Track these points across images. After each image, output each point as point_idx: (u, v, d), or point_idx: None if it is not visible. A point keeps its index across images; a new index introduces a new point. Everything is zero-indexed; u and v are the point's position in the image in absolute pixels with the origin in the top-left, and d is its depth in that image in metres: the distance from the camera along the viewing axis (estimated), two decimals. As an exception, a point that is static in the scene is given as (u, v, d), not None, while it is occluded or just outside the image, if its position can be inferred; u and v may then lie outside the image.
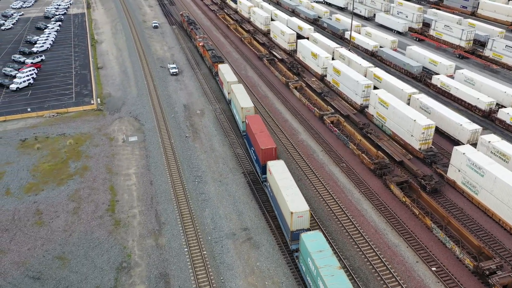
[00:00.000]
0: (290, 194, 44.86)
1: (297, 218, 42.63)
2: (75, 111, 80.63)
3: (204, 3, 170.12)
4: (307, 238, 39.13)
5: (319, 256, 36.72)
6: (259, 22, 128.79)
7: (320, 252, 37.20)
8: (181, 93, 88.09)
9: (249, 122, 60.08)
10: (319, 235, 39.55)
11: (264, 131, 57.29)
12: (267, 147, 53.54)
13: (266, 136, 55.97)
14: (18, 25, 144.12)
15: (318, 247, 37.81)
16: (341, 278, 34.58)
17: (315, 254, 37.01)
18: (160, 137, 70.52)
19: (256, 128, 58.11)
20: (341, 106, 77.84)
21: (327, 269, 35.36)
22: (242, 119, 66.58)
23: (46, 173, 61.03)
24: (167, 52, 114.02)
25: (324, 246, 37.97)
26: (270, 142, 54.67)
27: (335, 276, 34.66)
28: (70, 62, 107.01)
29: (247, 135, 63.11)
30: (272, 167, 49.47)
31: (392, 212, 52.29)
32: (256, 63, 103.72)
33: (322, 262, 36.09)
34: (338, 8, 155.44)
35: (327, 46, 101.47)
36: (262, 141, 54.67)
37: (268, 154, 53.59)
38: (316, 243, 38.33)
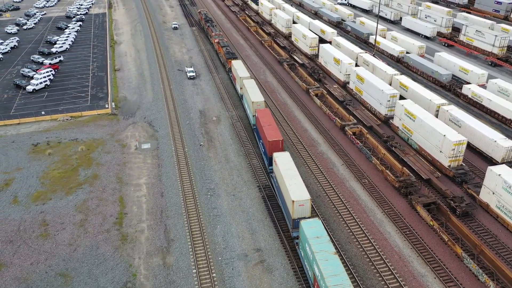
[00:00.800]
0: (293, 184, 46.27)
1: (299, 207, 44.08)
2: (89, 115, 78.93)
3: (225, 4, 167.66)
4: (306, 225, 40.75)
5: (316, 241, 38.45)
6: (281, 24, 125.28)
7: (317, 238, 38.92)
8: (198, 98, 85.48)
9: (258, 116, 61.96)
10: (318, 222, 41.04)
11: (272, 124, 59.01)
12: (273, 139, 55.44)
13: (273, 129, 57.79)
14: (40, 25, 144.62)
15: (316, 233, 39.50)
16: (335, 262, 36.16)
17: (312, 239, 38.70)
18: (173, 145, 67.96)
19: (265, 121, 59.86)
20: (364, 116, 73.72)
21: (322, 254, 37.02)
22: (253, 113, 68.24)
23: (55, 181, 59.17)
24: (186, 54, 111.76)
25: (322, 233, 39.64)
26: (277, 134, 56.57)
27: (329, 260, 36.32)
28: (88, 64, 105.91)
29: (257, 128, 64.89)
30: (278, 158, 51.04)
31: (418, 237, 48.15)
32: (276, 68, 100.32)
33: (318, 247, 37.75)
34: (363, 10, 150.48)
35: (350, 51, 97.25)
36: (269, 134, 56.59)
37: (275, 146, 55.66)
38: (315, 229, 40.01)
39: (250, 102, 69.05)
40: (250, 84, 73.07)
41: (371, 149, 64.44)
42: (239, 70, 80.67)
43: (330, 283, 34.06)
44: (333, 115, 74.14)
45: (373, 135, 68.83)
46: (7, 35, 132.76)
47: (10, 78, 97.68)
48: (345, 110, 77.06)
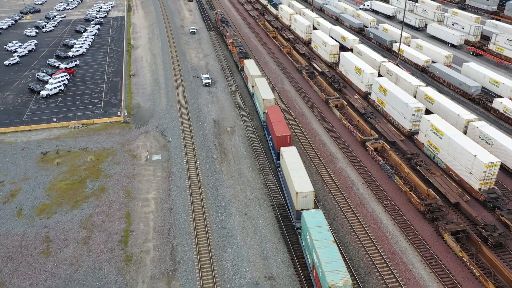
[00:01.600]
0: (298, 176, 47.77)
1: (302, 198, 45.57)
2: (101, 122, 77.00)
3: (245, 9, 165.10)
4: (308, 215, 42.51)
5: (316, 231, 40.04)
6: (300, 30, 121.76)
7: (318, 227, 40.50)
8: (212, 106, 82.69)
9: (268, 112, 63.79)
10: (319, 213, 42.70)
11: (281, 121, 60.81)
12: (282, 134, 57.20)
13: (282, 125, 59.54)
14: (59, 28, 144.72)
15: (317, 223, 41.12)
16: (333, 250, 37.82)
17: (312, 229, 40.34)
18: (185, 157, 65.22)
19: (274, 117, 61.81)
20: (386, 130, 69.58)
21: (321, 242, 38.66)
22: (263, 110, 69.81)
23: (62, 193, 57.05)
24: (202, 60, 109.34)
25: (322, 222, 41.24)
26: (285, 130, 58.21)
27: (328, 248, 37.99)
28: (103, 68, 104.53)
29: (267, 125, 66.69)
30: (284, 152, 52.94)
31: (446, 269, 43.97)
32: (295, 76, 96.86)
33: (318, 236, 39.39)
34: (386, 16, 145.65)
35: (372, 60, 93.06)
36: (278, 129, 58.31)
37: (283, 141, 57.38)
38: (316, 219, 41.61)
39: (261, 99, 70.60)
40: (261, 83, 74.71)
41: (393, 167, 60.34)
42: (251, 69, 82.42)
43: (326, 268, 35.95)
44: (353, 129, 70.25)
45: (396, 152, 64.69)
46: (26, 37, 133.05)
47: (26, 82, 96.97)
48: (366, 123, 73.09)
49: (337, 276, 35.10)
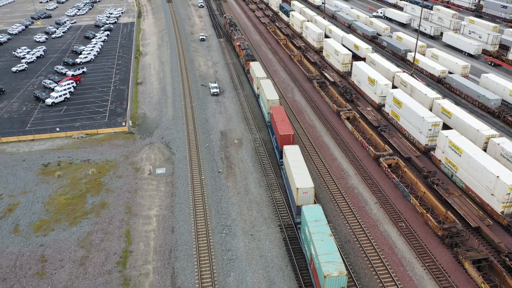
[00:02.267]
0: (299, 173, 49.15)
1: (302, 194, 46.81)
2: (105, 132, 75.00)
3: (255, 15, 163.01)
4: (307, 209, 43.85)
5: (315, 224, 41.46)
6: (312, 38, 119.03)
7: (316, 221, 41.85)
8: (220, 117, 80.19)
9: (272, 112, 64.86)
10: (318, 208, 44.16)
11: (285, 120, 61.94)
12: (285, 133, 58.28)
13: (286, 124, 60.70)
14: (69, 33, 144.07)
15: (316, 217, 42.45)
16: (330, 243, 39.08)
17: (311, 222, 41.68)
18: (190, 171, 62.67)
19: (278, 117, 62.93)
20: (401, 145, 66.25)
21: (319, 235, 39.98)
22: (268, 111, 71.11)
23: (61, 208, 54.85)
24: (211, 68, 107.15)
25: (321, 217, 42.59)
26: (288, 129, 59.37)
27: (325, 241, 39.27)
28: (110, 76, 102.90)
29: (271, 125, 67.67)
30: (287, 151, 54.34)
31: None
32: (305, 85, 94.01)
33: (316, 229, 40.77)
34: (400, 24, 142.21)
35: (386, 70, 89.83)
36: (281, 128, 59.46)
37: (286, 140, 58.32)
38: (315, 214, 42.97)
39: (265, 100, 71.92)
40: (266, 84, 76.11)
41: (409, 186, 57.00)
42: (256, 71, 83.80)
43: (322, 259, 37.13)
44: (366, 143, 67.08)
45: (412, 169, 61.33)
46: (35, 43, 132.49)
47: (32, 89, 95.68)
48: (379, 137, 69.87)
49: (333, 267, 36.31)
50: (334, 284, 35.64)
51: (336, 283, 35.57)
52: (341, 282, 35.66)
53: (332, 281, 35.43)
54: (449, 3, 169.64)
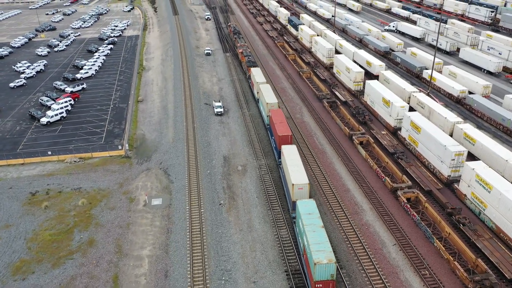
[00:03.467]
0: (295, 170, 51.52)
1: (298, 190, 48.94)
2: (100, 156, 70.08)
3: (263, 28, 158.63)
4: (301, 203, 46.26)
5: (307, 217, 43.69)
6: (321, 53, 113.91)
7: (309, 214, 44.08)
8: (223, 140, 74.96)
9: (271, 115, 67.31)
10: (312, 202, 46.42)
11: (283, 122, 64.48)
12: (283, 134, 60.90)
13: (284, 126, 63.25)
14: (72, 47, 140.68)
15: (309, 210, 44.75)
16: (321, 234, 41.17)
17: (304, 215, 43.99)
18: (188, 202, 57.27)
19: (277, 119, 65.50)
20: (420, 176, 60.30)
21: (311, 226, 42.08)
22: (267, 114, 73.45)
23: (44, 246, 49.68)
24: (216, 85, 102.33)
25: (314, 210, 44.87)
26: (287, 130, 62.01)
27: (316, 232, 41.33)
28: (111, 93, 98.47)
29: (270, 127, 70.12)
30: (285, 150, 56.93)
31: None
32: (315, 105, 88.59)
33: (309, 221, 42.95)
34: (413, 38, 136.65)
35: (401, 89, 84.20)
36: (280, 129, 62.04)
37: (284, 140, 60.75)
38: (308, 207, 45.29)
39: (265, 103, 74.55)
40: (265, 88, 79.05)
41: (431, 225, 51.00)
42: (257, 76, 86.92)
43: (314, 248, 39.36)
44: (381, 172, 61.27)
45: (433, 204, 55.31)
46: (37, 57, 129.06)
47: (29, 106, 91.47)
48: (396, 166, 64.01)
49: (323, 255, 38.57)
50: (324, 271, 38.17)
51: (325, 270, 38.10)
52: (330, 270, 38.15)
53: (321, 268, 37.98)
54: (464, 16, 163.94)
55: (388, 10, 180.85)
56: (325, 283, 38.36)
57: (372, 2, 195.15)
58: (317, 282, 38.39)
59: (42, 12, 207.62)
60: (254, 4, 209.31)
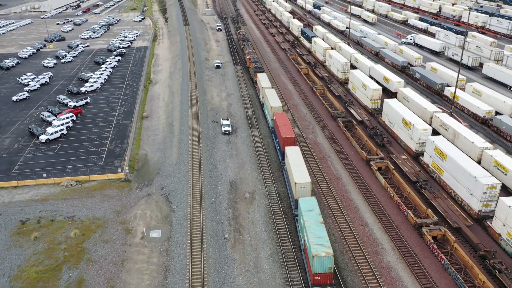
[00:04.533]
0: (298, 170, 52.73)
1: (300, 189, 50.40)
2: (98, 179, 65.56)
3: (275, 40, 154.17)
4: (303, 201, 47.89)
5: (308, 213, 45.36)
6: (336, 68, 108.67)
7: (310, 211, 45.76)
8: (231, 162, 69.95)
9: (276, 118, 69.10)
10: (313, 200, 47.95)
11: (287, 125, 65.95)
12: (287, 136, 62.53)
13: (288, 128, 64.85)
14: (79, 58, 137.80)
15: (310, 207, 46.35)
16: (320, 229, 43.05)
17: (305, 212, 45.72)
18: (190, 236, 52.14)
19: (281, 122, 67.16)
20: (447, 210, 54.31)
21: (311, 222, 44.00)
22: (272, 117, 75.42)
23: (29, 286, 44.90)
24: (224, 100, 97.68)
25: (315, 207, 46.51)
26: (290, 132, 63.79)
27: (316, 228, 43.24)
28: (115, 108, 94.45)
29: (274, 130, 72.23)
30: (288, 151, 58.24)
31: None
32: (329, 124, 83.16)
33: (309, 217, 44.73)
34: (432, 52, 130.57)
35: (422, 109, 78.44)
36: (284, 132, 63.61)
37: (288, 142, 62.44)
38: (309, 205, 46.93)
39: (269, 107, 76.76)
40: (270, 93, 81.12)
41: (462, 270, 45.01)
42: (263, 82, 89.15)
43: (313, 242, 40.79)
44: (403, 204, 55.46)
45: (463, 244, 49.30)
46: (43, 69, 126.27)
47: (29, 122, 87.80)
48: (419, 196, 58.10)
49: (321, 249, 40.16)
50: (322, 264, 39.87)
51: (323, 262, 39.81)
52: (328, 262, 39.83)
53: (320, 261, 39.70)
54: (485, 29, 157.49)
55: (404, 22, 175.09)
56: (323, 275, 40.19)
57: (388, 13, 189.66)
58: (316, 274, 40.26)
59: (53, 21, 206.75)
60: (267, 14, 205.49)
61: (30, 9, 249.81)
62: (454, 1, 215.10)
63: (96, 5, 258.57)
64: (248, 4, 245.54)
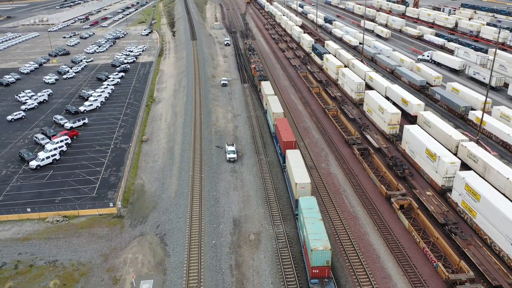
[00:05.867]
0: (298, 172, 55.57)
1: (300, 189, 53.34)
2: (87, 215, 59.26)
3: (285, 56, 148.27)
4: (303, 200, 50.65)
5: (308, 211, 47.93)
6: (349, 88, 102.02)
7: (309, 209, 48.35)
8: (235, 195, 63.28)
9: (277, 123, 71.16)
10: (312, 199, 50.68)
11: (288, 129, 68.01)
12: (287, 140, 64.57)
13: (288, 133, 66.94)
14: (82, 73, 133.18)
15: (309, 206, 49.08)
16: (319, 226, 45.29)
17: (305, 210, 48.33)
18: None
19: (282, 127, 69.33)
20: (484, 262, 46.84)
21: (310, 219, 46.31)
22: (273, 123, 77.64)
23: None
24: (230, 122, 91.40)
25: (314, 206, 49.19)
26: (291, 136, 65.63)
27: (315, 224, 45.48)
28: (114, 129, 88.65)
29: (276, 135, 74.27)
30: (289, 154, 60.63)
31: None
32: (343, 151, 76.27)
33: (308, 215, 47.21)
34: (451, 70, 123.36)
35: (447, 137, 71.35)
36: (284, 136, 65.69)
37: (288, 146, 64.43)
38: (309, 203, 49.65)
39: (271, 113, 79.62)
40: (273, 99, 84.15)
41: None
42: (266, 89, 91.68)
43: (311, 237, 43.36)
44: (431, 254, 48.10)
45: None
46: (44, 85, 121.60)
47: (22, 145, 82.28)
48: (449, 243, 50.68)
49: (319, 243, 42.30)
50: (320, 258, 41.67)
51: (321, 256, 41.61)
52: (326, 256, 41.63)
53: (318, 254, 41.56)
54: (505, 45, 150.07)
55: (420, 37, 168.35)
56: (321, 269, 42.18)
57: (402, 28, 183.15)
58: (314, 267, 42.29)
59: (60, 35, 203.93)
60: (276, 28, 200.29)
61: (38, 22, 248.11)
62: (470, 16, 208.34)
63: (105, 18, 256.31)
64: (257, 18, 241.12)
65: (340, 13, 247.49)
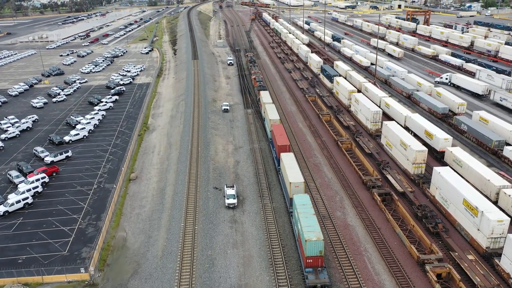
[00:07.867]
0: (292, 172, 58.86)
1: (295, 188, 56.57)
2: (54, 282, 48.69)
3: (292, 77, 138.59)
4: (297, 197, 53.57)
5: (302, 207, 50.80)
6: (364, 116, 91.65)
7: (303, 205, 51.33)
8: (234, 255, 52.56)
9: (273, 129, 75.86)
10: (306, 196, 53.72)
11: (283, 135, 72.57)
12: (282, 144, 68.42)
13: (283, 137, 71.38)
14: (74, 96, 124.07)
15: (303, 202, 52.10)
16: (312, 220, 48.25)
17: (299, 206, 51.23)
18: None
19: (277, 132, 73.74)
20: None
21: (304, 214, 49.26)
22: (270, 129, 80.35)
23: None
24: (231, 156, 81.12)
25: (307, 202, 52.14)
26: (285, 140, 69.82)
27: (309, 218, 48.49)
28: (99, 165, 78.60)
29: (272, 141, 78.43)
30: (283, 157, 64.19)
31: None
32: (361, 194, 65.59)
33: (302, 210, 50.11)
34: (473, 95, 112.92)
35: (484, 181, 60.72)
36: (279, 140, 70.06)
37: (283, 149, 68.03)
38: (303, 200, 52.62)
39: (268, 120, 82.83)
40: (270, 108, 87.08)
41: None
42: (264, 98, 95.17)
43: (305, 230, 46.22)
44: None
45: None
46: (31, 109, 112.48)
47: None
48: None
49: (313, 234, 45.19)
50: (314, 248, 44.80)
51: (315, 246, 44.76)
52: (319, 246, 44.84)
53: (311, 245, 44.68)
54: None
55: (434, 57, 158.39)
56: (314, 258, 45.03)
57: (414, 47, 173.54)
58: (308, 257, 45.00)
59: (57, 52, 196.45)
60: (282, 47, 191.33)
61: (37, 39, 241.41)
62: (485, 34, 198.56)
63: (106, 34, 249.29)
64: (262, 35, 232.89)
65: (348, 30, 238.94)
